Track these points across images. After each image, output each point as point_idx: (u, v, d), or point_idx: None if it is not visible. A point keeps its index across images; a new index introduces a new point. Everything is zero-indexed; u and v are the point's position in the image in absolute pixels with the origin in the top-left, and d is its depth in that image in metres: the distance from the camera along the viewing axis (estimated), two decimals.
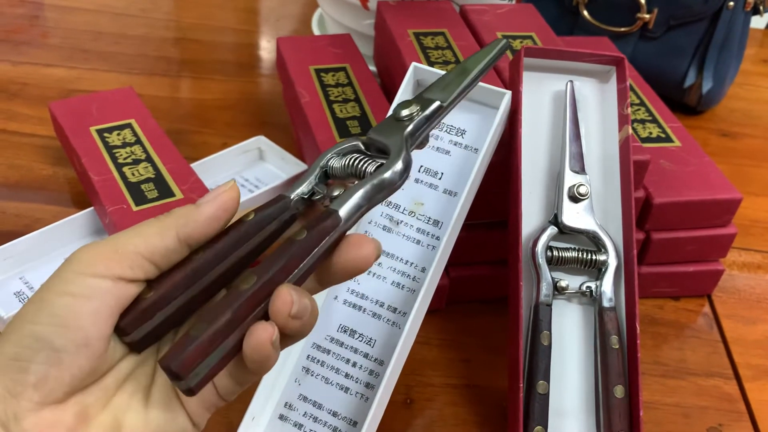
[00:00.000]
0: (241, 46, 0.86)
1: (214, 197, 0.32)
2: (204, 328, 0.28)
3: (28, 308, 0.29)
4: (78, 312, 0.28)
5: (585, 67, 0.50)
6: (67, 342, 0.28)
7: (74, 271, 0.29)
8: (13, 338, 0.28)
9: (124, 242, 0.30)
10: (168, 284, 0.30)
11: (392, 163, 0.33)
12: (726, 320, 0.56)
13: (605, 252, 0.45)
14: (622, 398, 0.42)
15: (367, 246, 0.32)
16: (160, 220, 0.31)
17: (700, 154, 0.57)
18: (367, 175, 0.34)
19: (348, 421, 0.42)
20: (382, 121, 0.37)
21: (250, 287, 0.29)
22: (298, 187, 0.34)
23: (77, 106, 0.59)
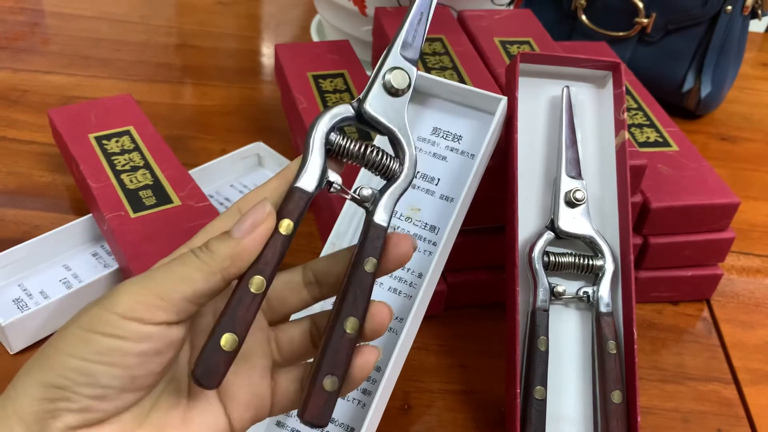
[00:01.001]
0: (240, 52, 0.86)
1: (252, 228, 0.31)
2: (337, 383, 0.33)
3: (69, 341, 0.29)
4: (126, 353, 0.29)
5: (581, 73, 0.50)
6: (114, 380, 0.29)
7: (118, 314, 0.29)
8: (57, 368, 0.28)
9: (170, 289, 0.29)
10: (239, 325, 0.31)
11: (410, 163, 0.37)
12: (725, 325, 0.56)
13: (602, 257, 0.45)
14: (619, 403, 0.42)
15: (405, 243, 0.35)
16: (204, 261, 0.30)
17: (698, 159, 0.57)
18: (393, 173, 0.36)
19: (345, 428, 0.41)
20: (372, 92, 0.37)
21: (355, 333, 0.33)
22: (309, 177, 0.34)
23: (76, 113, 0.59)
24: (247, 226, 0.31)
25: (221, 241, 0.31)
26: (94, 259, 0.54)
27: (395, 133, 0.37)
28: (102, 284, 0.51)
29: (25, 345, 0.48)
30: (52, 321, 0.49)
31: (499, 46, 0.61)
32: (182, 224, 0.51)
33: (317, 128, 0.35)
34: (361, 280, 0.34)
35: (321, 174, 0.34)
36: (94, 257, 0.54)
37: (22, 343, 0.48)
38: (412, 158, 0.37)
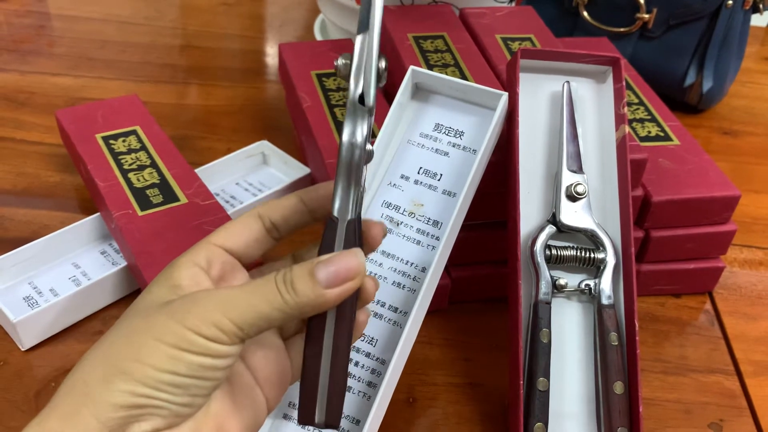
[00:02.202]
0: (245, 52, 0.87)
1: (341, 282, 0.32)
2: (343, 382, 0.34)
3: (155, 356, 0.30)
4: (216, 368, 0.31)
5: (582, 68, 0.50)
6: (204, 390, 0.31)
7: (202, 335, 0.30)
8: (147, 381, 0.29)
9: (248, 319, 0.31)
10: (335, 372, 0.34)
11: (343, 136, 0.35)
12: (727, 317, 0.56)
13: (603, 250, 0.46)
14: (621, 395, 0.43)
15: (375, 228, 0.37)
16: (285, 299, 0.32)
17: (699, 152, 0.57)
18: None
19: (351, 420, 0.42)
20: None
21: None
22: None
23: (83, 113, 0.60)
24: (335, 278, 0.32)
25: (306, 284, 0.32)
26: (103, 257, 0.55)
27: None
28: (110, 281, 0.51)
29: (36, 341, 0.49)
30: (62, 318, 0.50)
31: (501, 42, 0.61)
32: (189, 222, 0.51)
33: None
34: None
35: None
36: (102, 255, 0.55)
37: (33, 339, 0.49)
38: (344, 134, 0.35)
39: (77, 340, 0.50)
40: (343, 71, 0.35)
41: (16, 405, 0.46)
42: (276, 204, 0.37)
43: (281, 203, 0.37)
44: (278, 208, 0.37)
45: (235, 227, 0.36)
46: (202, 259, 0.35)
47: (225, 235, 0.36)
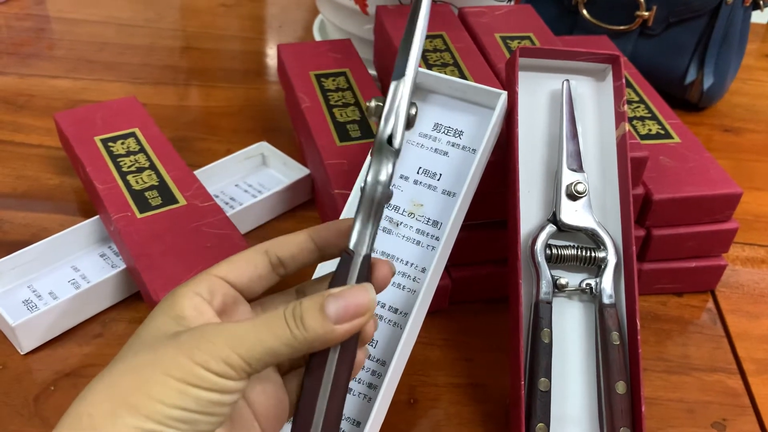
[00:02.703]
0: (244, 53, 0.87)
1: (351, 319, 0.32)
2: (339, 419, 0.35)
3: (163, 391, 0.29)
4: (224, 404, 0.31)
5: (581, 66, 0.50)
6: (211, 425, 0.31)
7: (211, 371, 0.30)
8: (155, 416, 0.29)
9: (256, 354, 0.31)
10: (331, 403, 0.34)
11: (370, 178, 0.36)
12: (730, 315, 0.56)
13: (604, 249, 0.46)
14: (623, 394, 0.42)
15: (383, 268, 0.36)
16: (294, 335, 0.31)
17: (700, 150, 0.57)
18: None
19: (351, 422, 0.42)
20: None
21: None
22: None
23: (82, 116, 0.60)
24: (345, 314, 0.32)
25: (316, 319, 0.31)
26: (102, 259, 0.55)
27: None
28: (110, 284, 0.51)
29: (36, 345, 0.49)
30: (62, 321, 0.50)
31: (500, 41, 0.61)
32: (188, 224, 0.51)
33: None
34: None
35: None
36: (101, 258, 0.55)
37: (32, 343, 0.49)
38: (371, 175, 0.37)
39: (77, 343, 0.50)
40: (374, 112, 0.38)
41: (15, 409, 0.46)
42: (284, 241, 0.36)
43: (290, 240, 0.36)
44: (287, 244, 0.36)
45: (240, 261, 0.35)
46: (204, 289, 0.34)
47: (228, 268, 0.35)
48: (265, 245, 0.36)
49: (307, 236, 0.36)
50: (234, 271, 0.35)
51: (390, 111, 0.37)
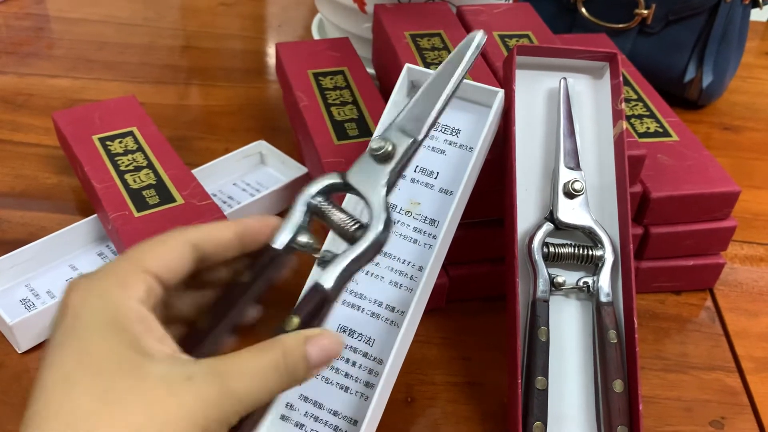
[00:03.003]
0: (244, 52, 0.87)
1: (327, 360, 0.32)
2: None
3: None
4: None
5: (578, 64, 0.50)
6: None
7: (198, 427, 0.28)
8: None
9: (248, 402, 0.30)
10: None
11: (375, 230, 0.35)
12: (728, 313, 0.56)
13: (602, 247, 0.46)
14: (621, 393, 0.42)
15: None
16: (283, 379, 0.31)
17: (699, 148, 0.57)
18: (353, 239, 0.35)
19: (348, 420, 0.42)
20: (359, 160, 0.37)
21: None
22: (284, 233, 0.35)
23: (80, 115, 0.60)
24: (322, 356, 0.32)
25: (303, 366, 0.31)
26: (100, 258, 0.55)
27: (367, 201, 0.36)
28: None
29: (33, 344, 0.49)
30: None
31: (498, 40, 0.61)
32: (186, 223, 0.51)
33: (303, 193, 0.36)
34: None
35: (294, 235, 0.35)
36: (99, 257, 0.55)
37: (29, 342, 0.49)
38: (376, 230, 0.35)
39: None
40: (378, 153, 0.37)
41: (13, 408, 0.46)
42: (213, 236, 0.33)
43: (219, 236, 0.33)
44: (215, 241, 0.33)
45: (171, 255, 0.32)
46: (143, 293, 0.30)
47: (159, 264, 0.31)
48: (192, 236, 0.33)
49: (234, 234, 0.34)
50: (164, 267, 0.31)
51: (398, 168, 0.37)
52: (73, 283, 0.30)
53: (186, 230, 0.33)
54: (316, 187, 0.36)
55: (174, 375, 0.28)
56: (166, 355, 0.29)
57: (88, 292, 0.30)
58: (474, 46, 0.39)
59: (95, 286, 0.30)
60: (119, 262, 0.31)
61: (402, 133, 0.37)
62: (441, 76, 0.39)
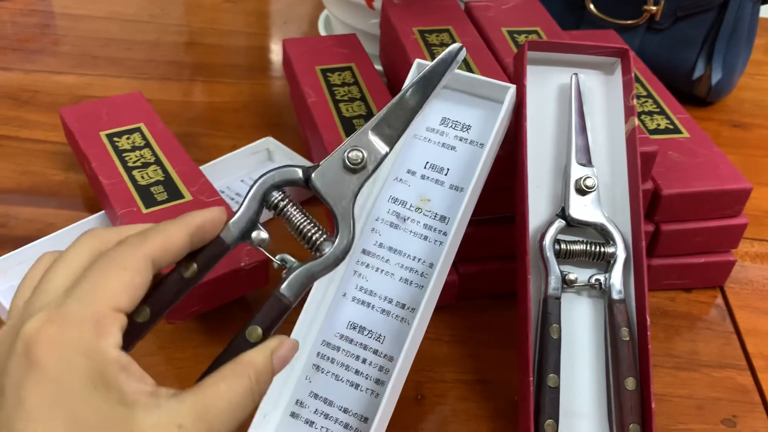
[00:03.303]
0: (249, 49, 0.87)
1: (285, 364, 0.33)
2: None
3: None
4: None
5: (589, 60, 0.50)
6: None
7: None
8: None
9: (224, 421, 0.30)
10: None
11: (341, 244, 0.35)
12: (739, 311, 0.56)
13: (614, 244, 0.45)
14: (633, 390, 0.42)
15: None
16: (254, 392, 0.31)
17: (709, 145, 0.56)
18: (317, 249, 0.35)
19: (359, 418, 0.42)
20: (328, 161, 0.36)
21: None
22: (235, 227, 0.34)
23: (87, 111, 0.60)
24: (283, 365, 0.33)
25: (269, 380, 0.32)
26: None
27: (334, 212, 0.36)
28: None
29: None
30: None
31: (507, 36, 0.61)
32: None
33: (258, 183, 0.35)
34: (237, 348, 0.33)
35: (246, 227, 0.34)
36: None
37: None
38: (342, 244, 0.35)
39: None
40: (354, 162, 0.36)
41: None
42: (168, 248, 0.32)
43: (173, 247, 0.32)
44: (170, 252, 0.32)
45: (135, 281, 0.30)
46: (119, 335, 0.29)
47: (127, 297, 0.29)
48: (150, 253, 0.31)
49: (187, 236, 0.32)
50: (131, 300, 0.30)
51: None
52: (36, 331, 0.28)
53: (141, 244, 0.31)
54: (275, 180, 0.35)
55: (164, 425, 0.28)
56: (150, 396, 0.28)
57: (63, 346, 0.27)
58: (454, 60, 0.39)
59: (69, 338, 0.27)
60: (87, 303, 0.28)
61: (376, 144, 0.37)
62: (417, 87, 0.38)
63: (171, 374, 0.48)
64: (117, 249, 0.30)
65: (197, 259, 0.33)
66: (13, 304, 0.31)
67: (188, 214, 0.33)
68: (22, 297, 0.31)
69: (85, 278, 0.29)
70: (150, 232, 0.32)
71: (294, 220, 0.35)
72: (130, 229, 0.33)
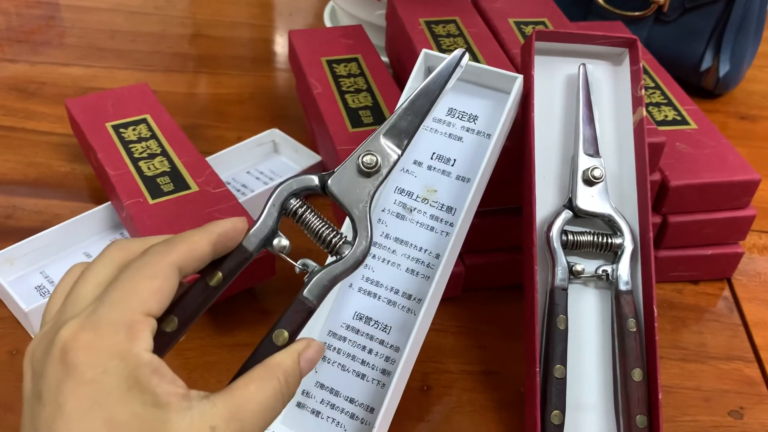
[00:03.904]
0: (255, 41, 0.87)
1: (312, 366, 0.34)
2: None
3: None
4: None
5: (597, 50, 0.49)
6: None
7: None
8: None
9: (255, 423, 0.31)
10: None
11: (361, 246, 0.36)
12: (747, 303, 0.55)
13: (621, 235, 0.45)
14: (640, 382, 0.42)
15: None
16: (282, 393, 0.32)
17: (718, 136, 0.56)
18: (336, 252, 0.36)
19: (365, 408, 0.42)
20: (342, 167, 0.37)
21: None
22: (257, 235, 0.35)
23: (93, 102, 0.60)
24: (311, 367, 0.34)
25: (298, 382, 0.33)
26: None
27: (352, 216, 0.36)
28: None
29: None
30: None
31: (514, 26, 0.60)
32: (201, 209, 0.51)
33: (277, 192, 0.36)
34: (265, 352, 0.33)
35: (267, 235, 0.35)
36: None
37: None
38: (362, 246, 0.35)
39: None
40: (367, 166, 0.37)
41: None
42: (193, 255, 0.32)
43: (197, 254, 0.32)
44: (195, 260, 0.32)
45: (163, 287, 0.31)
46: (151, 340, 0.30)
47: (156, 303, 0.30)
48: (176, 261, 0.31)
49: (210, 245, 0.33)
50: (161, 306, 0.31)
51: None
52: (71, 337, 0.29)
53: (168, 252, 0.32)
54: (293, 188, 0.36)
55: (197, 427, 0.28)
56: (182, 399, 0.29)
57: (98, 351, 0.28)
58: (458, 64, 0.39)
59: (103, 343, 0.28)
60: (119, 309, 0.29)
61: (388, 148, 0.37)
62: (427, 91, 0.39)
63: (178, 365, 0.48)
64: (144, 257, 0.31)
65: (221, 267, 0.34)
66: (46, 312, 0.32)
67: (211, 224, 0.34)
68: (55, 306, 0.32)
69: (114, 286, 0.30)
70: (174, 240, 0.32)
71: (313, 225, 0.36)
72: (154, 240, 0.33)
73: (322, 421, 0.42)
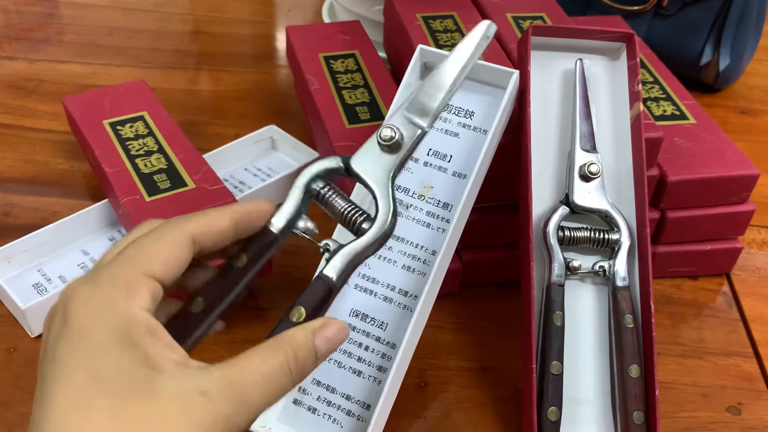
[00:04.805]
0: (254, 37, 0.86)
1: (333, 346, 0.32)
2: None
3: None
4: None
5: (594, 45, 0.49)
6: None
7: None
8: None
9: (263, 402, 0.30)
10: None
11: (382, 223, 0.35)
12: (746, 299, 0.55)
13: (618, 231, 0.45)
14: (637, 378, 0.42)
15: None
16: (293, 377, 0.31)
17: (717, 131, 0.56)
18: (360, 231, 0.35)
19: (361, 405, 0.42)
20: (365, 145, 0.37)
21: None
22: (281, 216, 0.35)
23: (90, 100, 0.60)
24: (330, 347, 0.32)
25: (312, 361, 0.31)
26: (111, 243, 0.55)
27: (373, 192, 0.36)
28: None
29: None
30: None
31: (512, 21, 0.60)
32: (197, 207, 0.51)
33: (302, 175, 0.36)
34: (279, 329, 0.32)
35: (292, 218, 0.35)
36: (111, 242, 0.55)
37: (42, 326, 0.49)
38: (383, 221, 0.35)
39: None
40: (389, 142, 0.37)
41: (27, 391, 0.46)
42: (210, 228, 0.32)
43: (215, 228, 0.32)
44: (212, 234, 0.32)
45: (171, 255, 0.30)
46: (149, 301, 0.29)
47: (161, 267, 0.30)
48: (191, 229, 0.31)
49: (231, 221, 0.33)
50: (166, 269, 0.30)
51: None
52: (72, 290, 0.29)
53: (184, 222, 0.32)
54: (316, 170, 0.36)
55: (188, 391, 0.27)
56: (176, 365, 0.28)
57: (93, 303, 0.28)
58: (484, 36, 0.39)
59: (99, 295, 0.28)
60: (121, 266, 0.30)
61: (410, 123, 0.37)
62: (450, 64, 0.39)
63: None
64: (160, 226, 0.32)
65: (247, 250, 0.34)
66: None
67: (235, 203, 0.34)
68: None
69: (125, 249, 0.31)
70: (194, 213, 0.33)
71: (337, 207, 0.36)
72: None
73: (318, 417, 0.42)
